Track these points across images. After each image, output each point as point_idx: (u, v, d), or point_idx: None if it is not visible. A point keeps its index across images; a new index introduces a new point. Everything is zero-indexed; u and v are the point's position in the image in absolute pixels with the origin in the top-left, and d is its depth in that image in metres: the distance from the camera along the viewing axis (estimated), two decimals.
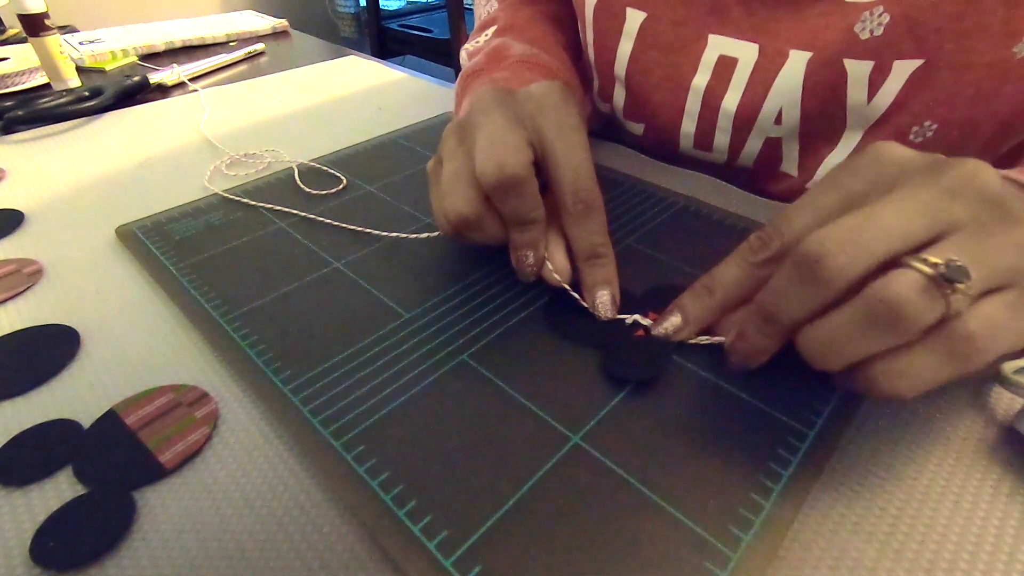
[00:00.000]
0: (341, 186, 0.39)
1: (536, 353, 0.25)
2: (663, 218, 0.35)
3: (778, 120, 0.36)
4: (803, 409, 0.22)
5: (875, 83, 0.32)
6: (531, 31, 0.43)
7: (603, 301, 0.26)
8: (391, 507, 0.19)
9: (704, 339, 0.25)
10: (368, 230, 0.34)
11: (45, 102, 0.52)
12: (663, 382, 0.24)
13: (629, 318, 0.26)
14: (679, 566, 0.18)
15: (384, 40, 2.14)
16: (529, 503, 0.19)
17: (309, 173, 0.41)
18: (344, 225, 0.34)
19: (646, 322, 0.26)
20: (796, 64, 0.34)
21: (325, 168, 0.41)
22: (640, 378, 0.24)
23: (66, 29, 0.84)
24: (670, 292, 0.28)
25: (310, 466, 0.21)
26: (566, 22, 0.47)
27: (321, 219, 0.35)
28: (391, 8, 2.30)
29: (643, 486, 0.20)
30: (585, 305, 0.27)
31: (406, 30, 2.09)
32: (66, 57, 0.59)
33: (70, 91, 0.56)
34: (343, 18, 2.26)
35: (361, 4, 2.19)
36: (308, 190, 0.38)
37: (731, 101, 0.37)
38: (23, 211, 0.38)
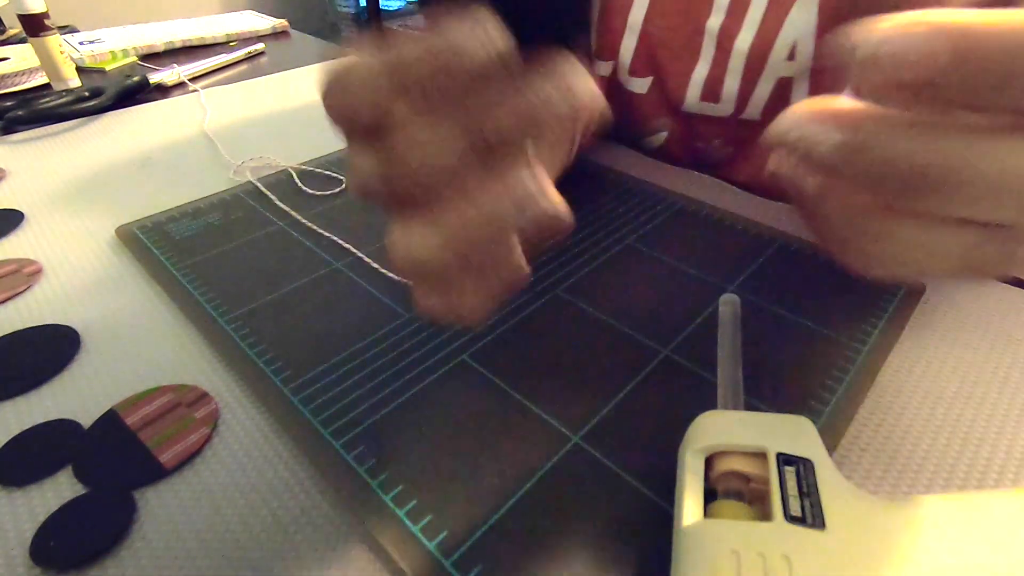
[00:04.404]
0: (341, 187, 0.39)
1: (536, 353, 0.25)
2: (663, 218, 0.35)
3: (791, 56, 0.36)
4: (802, 409, 0.22)
5: None
6: None
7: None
8: (391, 507, 0.19)
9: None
10: (351, 248, 0.33)
11: (45, 102, 0.52)
12: (662, 381, 0.24)
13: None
14: None
15: None
16: (529, 503, 0.19)
17: (309, 174, 0.41)
18: (334, 238, 0.34)
19: None
20: None
21: (325, 169, 0.41)
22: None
23: (66, 29, 0.84)
24: None
25: (310, 466, 0.21)
26: None
27: (316, 228, 0.35)
28: (391, 8, 2.29)
29: (643, 487, 0.20)
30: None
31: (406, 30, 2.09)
32: (66, 57, 0.59)
33: (70, 91, 0.56)
34: (343, 18, 2.26)
35: (361, 4, 2.19)
36: (308, 191, 0.38)
37: (744, 41, 0.37)
38: (23, 211, 0.38)
